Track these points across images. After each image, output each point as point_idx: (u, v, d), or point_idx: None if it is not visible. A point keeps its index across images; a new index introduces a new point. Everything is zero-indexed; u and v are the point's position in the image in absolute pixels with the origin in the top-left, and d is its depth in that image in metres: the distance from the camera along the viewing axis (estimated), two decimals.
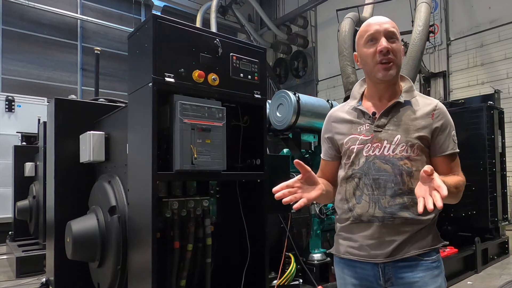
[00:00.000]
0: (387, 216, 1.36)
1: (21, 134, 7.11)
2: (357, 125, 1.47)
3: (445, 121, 1.42)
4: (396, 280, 1.38)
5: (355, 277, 1.45)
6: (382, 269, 1.39)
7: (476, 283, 4.39)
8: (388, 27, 1.40)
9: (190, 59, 2.17)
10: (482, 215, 5.16)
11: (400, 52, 1.41)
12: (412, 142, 1.38)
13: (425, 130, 1.40)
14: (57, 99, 3.17)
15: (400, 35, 1.46)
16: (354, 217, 1.42)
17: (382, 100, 1.47)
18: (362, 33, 1.45)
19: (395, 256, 1.37)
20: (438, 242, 1.44)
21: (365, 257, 1.41)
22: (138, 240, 2.20)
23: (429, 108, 1.43)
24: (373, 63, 1.41)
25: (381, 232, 1.37)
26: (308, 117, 3.90)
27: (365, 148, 1.41)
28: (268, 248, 2.49)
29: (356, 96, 1.55)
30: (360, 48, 1.46)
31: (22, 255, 4.93)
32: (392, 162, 1.37)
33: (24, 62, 9.62)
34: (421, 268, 1.38)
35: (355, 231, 1.44)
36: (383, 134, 1.41)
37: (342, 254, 1.49)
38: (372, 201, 1.39)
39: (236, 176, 2.50)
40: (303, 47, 12.90)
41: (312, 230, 3.82)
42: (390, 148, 1.39)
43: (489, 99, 5.63)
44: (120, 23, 11.15)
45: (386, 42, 1.38)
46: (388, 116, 1.43)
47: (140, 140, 2.17)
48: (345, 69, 6.16)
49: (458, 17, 8.96)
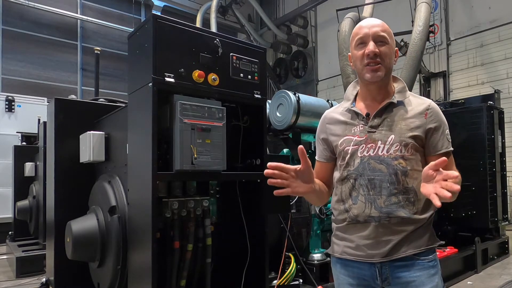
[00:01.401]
0: (383, 216, 1.38)
1: (21, 134, 7.12)
2: (351, 126, 1.48)
3: (438, 120, 1.43)
4: (393, 279, 1.39)
5: (352, 277, 1.46)
6: (379, 269, 1.40)
7: (476, 283, 4.39)
8: (377, 30, 1.41)
9: (190, 59, 2.17)
10: (482, 215, 5.16)
11: (389, 55, 1.42)
12: (406, 141, 1.39)
13: (419, 130, 1.41)
14: (57, 99, 3.17)
15: (393, 37, 1.47)
16: (351, 217, 1.43)
17: (375, 101, 1.48)
18: (353, 36, 1.47)
19: (392, 255, 1.38)
20: (434, 242, 1.45)
21: (362, 257, 1.42)
22: (138, 240, 2.20)
23: (422, 107, 1.44)
24: (361, 66, 1.43)
25: (378, 232, 1.38)
26: (308, 117, 3.90)
27: (360, 149, 1.43)
28: (268, 248, 2.49)
29: (349, 98, 1.56)
30: (352, 49, 1.49)
31: (22, 255, 4.93)
32: (386, 162, 1.39)
33: (24, 62, 9.61)
34: (417, 267, 1.39)
35: (351, 231, 1.44)
36: (377, 134, 1.42)
37: (339, 254, 1.50)
38: (368, 201, 1.40)
39: (236, 176, 2.50)
40: (303, 47, 12.89)
41: (312, 230, 3.82)
42: (384, 148, 1.40)
43: (489, 99, 5.64)
44: (120, 23, 11.14)
45: (374, 46, 1.39)
46: (382, 116, 1.44)
47: (140, 140, 2.17)
48: (345, 69, 6.15)
49: (458, 17, 8.95)
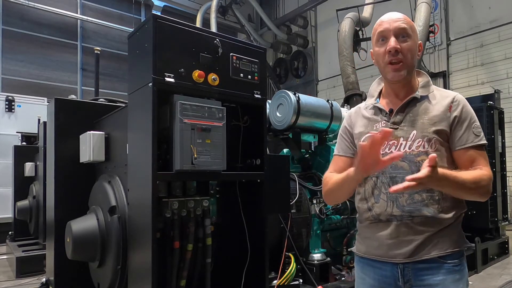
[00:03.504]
0: (405, 214, 1.34)
1: (21, 134, 7.12)
2: (373, 123, 1.46)
3: (463, 112, 1.37)
4: (416, 282, 1.35)
5: (374, 277, 1.43)
6: (401, 270, 1.36)
7: (476, 283, 4.39)
8: (399, 24, 1.37)
9: (190, 59, 2.16)
10: (482, 215, 5.16)
11: (411, 50, 1.37)
12: (429, 136, 1.34)
13: (443, 124, 1.35)
14: (57, 99, 3.17)
15: (416, 30, 1.42)
16: (373, 216, 1.41)
17: (398, 97, 1.45)
18: (374, 31, 1.44)
19: (415, 257, 1.33)
20: (462, 244, 1.38)
21: (384, 257, 1.38)
22: (138, 240, 2.20)
23: (447, 100, 1.39)
24: (383, 63, 1.40)
25: (400, 231, 1.35)
26: (308, 117, 3.90)
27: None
28: (268, 248, 2.49)
29: (373, 94, 1.54)
30: (373, 46, 1.45)
31: (22, 255, 4.93)
32: (409, 159, 1.35)
33: (24, 62, 9.61)
34: (442, 271, 1.33)
35: (374, 230, 1.42)
36: (399, 131, 1.39)
37: (363, 254, 1.48)
38: (390, 200, 1.36)
39: (236, 176, 2.50)
40: (303, 47, 12.89)
41: (312, 230, 3.82)
42: (406, 145, 1.36)
43: (489, 99, 5.63)
44: (120, 23, 11.14)
45: (395, 42, 1.35)
46: (404, 112, 1.41)
47: (140, 140, 2.17)
48: (345, 69, 6.15)
49: (458, 17, 8.95)
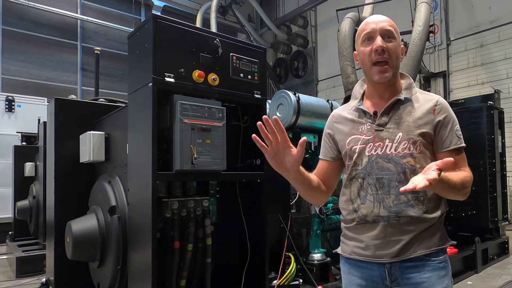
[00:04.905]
0: (392, 215, 1.35)
1: (21, 134, 7.13)
2: (358, 125, 1.46)
3: (447, 115, 1.40)
4: (402, 280, 1.37)
5: (361, 277, 1.44)
6: (388, 269, 1.38)
7: (476, 283, 4.39)
8: (385, 25, 1.39)
9: (190, 59, 2.17)
10: (482, 215, 5.15)
11: (396, 51, 1.40)
12: (414, 139, 1.36)
13: (427, 126, 1.38)
14: (57, 99, 3.17)
15: (399, 33, 1.45)
16: (360, 217, 1.41)
17: (382, 99, 1.46)
18: (360, 32, 1.45)
19: (402, 256, 1.36)
20: (445, 242, 1.42)
21: (371, 257, 1.40)
22: (138, 240, 2.20)
23: (430, 104, 1.41)
24: (369, 63, 1.41)
25: (387, 231, 1.36)
26: (308, 117, 3.90)
27: (367, 147, 1.40)
28: (268, 248, 2.49)
29: (357, 96, 1.54)
30: (358, 47, 1.47)
31: (22, 255, 4.93)
32: (395, 160, 1.36)
33: (24, 62, 9.61)
34: (428, 268, 1.36)
35: (361, 231, 1.42)
36: (385, 133, 1.40)
37: (348, 254, 1.48)
38: (377, 200, 1.37)
39: (236, 176, 2.50)
40: (303, 47, 12.89)
41: (312, 230, 3.82)
42: (392, 147, 1.37)
43: (489, 99, 5.63)
44: (120, 23, 11.14)
45: (382, 41, 1.37)
46: (389, 114, 1.42)
47: (140, 140, 2.17)
48: (345, 69, 6.15)
49: (458, 17, 8.95)
